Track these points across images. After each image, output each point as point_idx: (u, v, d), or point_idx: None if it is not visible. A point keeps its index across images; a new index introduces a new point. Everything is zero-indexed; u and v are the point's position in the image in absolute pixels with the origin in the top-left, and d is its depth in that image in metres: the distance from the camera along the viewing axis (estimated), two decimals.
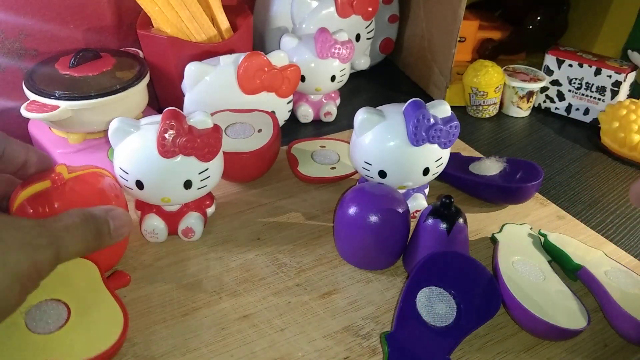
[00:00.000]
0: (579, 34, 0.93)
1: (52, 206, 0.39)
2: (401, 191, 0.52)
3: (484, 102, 0.78)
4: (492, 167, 0.58)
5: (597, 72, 0.76)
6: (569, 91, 0.79)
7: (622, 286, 0.44)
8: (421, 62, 0.86)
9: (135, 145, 0.44)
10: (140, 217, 0.50)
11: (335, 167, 0.60)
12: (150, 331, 0.42)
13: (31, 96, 0.54)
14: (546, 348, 0.42)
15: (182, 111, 0.45)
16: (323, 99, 0.74)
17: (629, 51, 0.78)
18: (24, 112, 0.53)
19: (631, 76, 0.76)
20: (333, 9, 0.76)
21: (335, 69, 0.69)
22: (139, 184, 0.45)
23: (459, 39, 0.76)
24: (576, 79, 0.78)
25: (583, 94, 0.78)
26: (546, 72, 0.80)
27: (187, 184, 0.46)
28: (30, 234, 0.31)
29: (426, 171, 0.49)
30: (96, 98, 0.54)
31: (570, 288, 0.44)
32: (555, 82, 0.80)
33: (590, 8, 0.91)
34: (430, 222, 0.45)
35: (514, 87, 0.78)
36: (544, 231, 0.51)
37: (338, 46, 0.67)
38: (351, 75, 0.74)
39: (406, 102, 0.48)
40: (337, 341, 0.42)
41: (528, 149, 0.73)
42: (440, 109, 0.48)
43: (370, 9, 0.78)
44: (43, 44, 0.65)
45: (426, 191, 0.55)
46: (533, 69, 0.81)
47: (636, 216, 0.59)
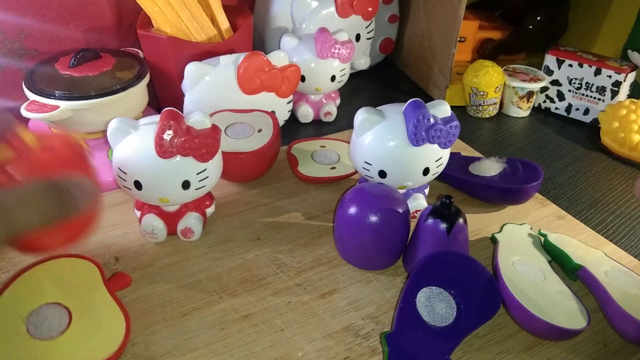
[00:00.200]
0: (579, 34, 0.93)
1: (14, 178, 0.35)
2: (401, 191, 0.52)
3: (484, 102, 0.78)
4: (492, 167, 0.58)
5: (597, 72, 0.76)
6: (569, 91, 0.79)
7: (622, 286, 0.44)
8: (421, 62, 0.86)
9: (133, 145, 0.44)
10: (140, 217, 0.50)
11: (335, 167, 0.60)
12: (150, 331, 0.42)
13: (31, 96, 0.54)
14: (546, 348, 0.42)
15: (182, 111, 0.45)
16: (323, 99, 0.74)
17: (629, 51, 0.78)
18: (24, 112, 0.53)
19: (631, 76, 0.76)
20: (333, 9, 0.76)
21: (335, 69, 0.69)
22: (138, 185, 0.45)
23: (459, 39, 0.76)
24: (576, 79, 0.78)
25: (583, 94, 0.78)
26: (546, 72, 0.80)
27: (185, 185, 0.46)
28: None
29: (426, 171, 0.49)
30: (96, 98, 0.54)
31: (570, 288, 0.44)
32: (555, 82, 0.80)
33: (590, 8, 0.91)
34: (430, 222, 0.45)
35: (514, 87, 0.78)
36: (544, 231, 0.51)
37: (338, 46, 0.67)
38: (351, 75, 0.74)
39: (406, 102, 0.48)
40: (337, 341, 0.42)
41: (528, 149, 0.73)
42: (440, 109, 0.48)
43: (370, 9, 0.78)
44: (43, 44, 0.65)
45: (426, 191, 0.55)
46: (533, 69, 0.81)
47: (636, 216, 0.59)
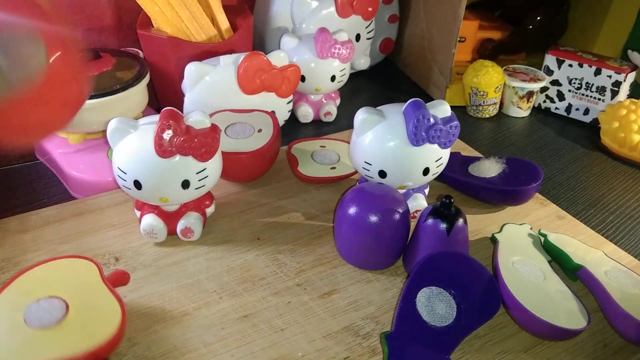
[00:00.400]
0: (579, 34, 0.93)
1: None
2: (401, 191, 0.52)
3: (484, 102, 0.78)
4: (491, 168, 0.58)
5: (597, 72, 0.76)
6: (569, 91, 0.79)
7: (622, 286, 0.44)
8: (421, 62, 0.86)
9: (133, 145, 0.44)
10: (139, 217, 0.50)
11: (335, 167, 0.60)
12: (150, 331, 0.42)
13: None
14: (546, 348, 0.42)
15: (182, 111, 0.45)
16: (323, 99, 0.74)
17: (629, 51, 0.78)
18: None
19: (631, 76, 0.76)
20: (333, 9, 0.76)
21: (335, 69, 0.69)
22: (137, 184, 0.45)
23: (459, 39, 0.76)
24: (576, 79, 0.78)
25: (583, 94, 0.78)
26: (546, 72, 0.80)
27: (185, 184, 0.46)
28: None
29: (426, 171, 0.49)
30: (96, 98, 0.54)
31: (570, 288, 0.44)
32: (555, 82, 0.80)
33: (590, 8, 0.91)
34: (430, 222, 0.45)
35: (514, 87, 0.78)
36: (544, 231, 0.51)
37: (338, 46, 0.67)
38: (351, 75, 0.74)
39: (406, 102, 0.48)
40: (337, 341, 0.42)
41: (528, 149, 0.73)
42: (440, 109, 0.48)
43: (370, 9, 0.78)
44: None
45: (426, 191, 0.55)
46: (533, 69, 0.81)
47: (636, 216, 0.59)
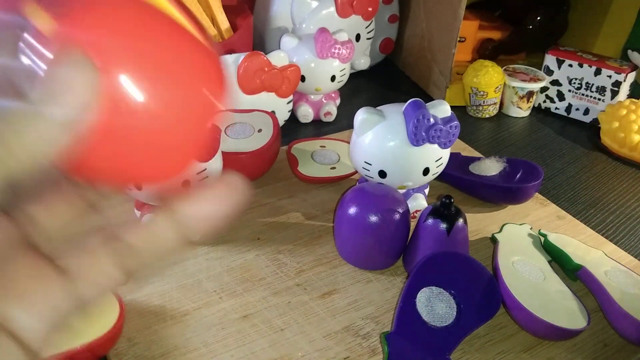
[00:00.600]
0: (579, 34, 0.93)
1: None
2: (401, 191, 0.52)
3: (484, 102, 0.78)
4: (492, 167, 0.58)
5: (597, 72, 0.76)
6: (569, 91, 0.79)
7: (622, 286, 0.44)
8: (421, 62, 0.86)
9: None
10: (139, 217, 0.50)
11: (335, 167, 0.60)
12: (150, 331, 0.42)
13: None
14: (546, 348, 0.42)
15: None
16: (323, 99, 0.74)
17: (629, 51, 0.78)
18: None
19: (631, 76, 0.76)
20: (333, 9, 0.76)
21: (335, 69, 0.69)
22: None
23: (459, 39, 0.76)
24: (576, 79, 0.78)
25: (583, 94, 0.78)
26: (546, 72, 0.80)
27: (185, 184, 0.46)
28: None
29: (426, 171, 0.49)
30: None
31: (570, 288, 0.44)
32: (555, 82, 0.80)
33: (590, 8, 0.91)
34: (430, 222, 0.45)
35: (514, 87, 0.78)
36: (544, 231, 0.51)
37: (338, 46, 0.67)
38: (351, 75, 0.74)
39: (406, 102, 0.48)
40: (337, 341, 0.42)
41: (528, 149, 0.73)
42: (440, 109, 0.48)
43: (370, 9, 0.78)
44: None
45: (426, 191, 0.55)
46: (533, 69, 0.81)
47: (636, 216, 0.59)
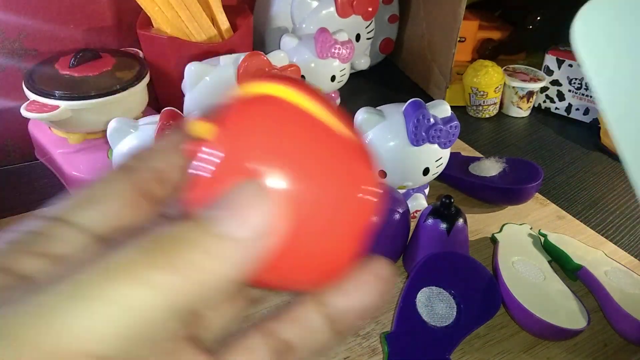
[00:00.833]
0: None
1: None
2: (401, 191, 0.52)
3: (484, 102, 0.78)
4: (491, 167, 0.58)
5: None
6: (569, 91, 0.79)
7: (622, 286, 0.44)
8: (421, 62, 0.86)
9: (133, 145, 0.44)
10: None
11: None
12: None
13: (31, 96, 0.54)
14: (546, 348, 0.42)
15: (182, 111, 0.45)
16: None
17: None
18: (24, 112, 0.53)
19: None
20: (333, 9, 0.76)
21: (335, 69, 0.69)
22: None
23: (459, 39, 0.76)
24: (576, 79, 0.78)
25: (583, 94, 0.78)
26: (546, 72, 0.80)
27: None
28: None
29: (426, 171, 0.49)
30: (96, 98, 0.54)
31: (570, 288, 0.44)
32: (555, 82, 0.80)
33: None
34: (430, 222, 0.45)
35: (514, 87, 0.78)
36: (544, 231, 0.51)
37: (338, 46, 0.67)
38: (351, 75, 0.74)
39: (406, 102, 0.48)
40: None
41: (528, 149, 0.73)
42: (440, 109, 0.48)
43: (370, 9, 0.78)
44: (43, 44, 0.65)
45: (426, 191, 0.55)
46: (533, 69, 0.81)
47: (636, 216, 0.59)
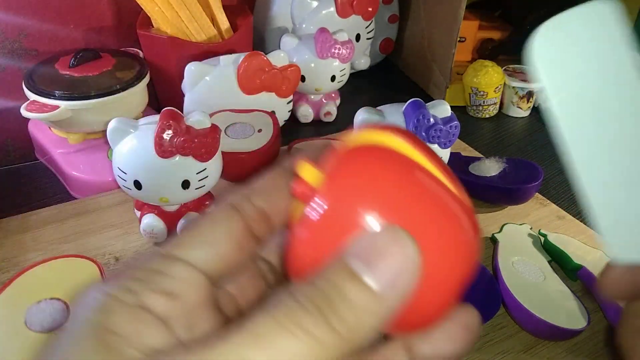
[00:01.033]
0: None
1: None
2: None
3: (484, 102, 0.78)
4: (492, 167, 0.58)
5: None
6: None
7: None
8: (421, 62, 0.86)
9: (133, 145, 0.44)
10: (139, 217, 0.50)
11: None
12: None
13: (31, 96, 0.54)
14: (546, 348, 0.42)
15: (182, 111, 0.45)
16: (323, 99, 0.74)
17: None
18: (24, 112, 0.53)
19: None
20: (333, 9, 0.76)
21: (335, 69, 0.69)
22: (137, 184, 0.45)
23: (459, 39, 0.76)
24: None
25: None
26: None
27: (185, 184, 0.46)
28: None
29: None
30: (96, 98, 0.54)
31: (570, 288, 0.44)
32: None
33: None
34: None
35: (514, 87, 0.78)
36: (544, 231, 0.51)
37: (338, 46, 0.67)
38: (351, 75, 0.74)
39: (406, 102, 0.48)
40: None
41: (528, 149, 0.73)
42: (440, 109, 0.48)
43: (370, 9, 0.78)
44: (43, 44, 0.65)
45: None
46: None
47: None
